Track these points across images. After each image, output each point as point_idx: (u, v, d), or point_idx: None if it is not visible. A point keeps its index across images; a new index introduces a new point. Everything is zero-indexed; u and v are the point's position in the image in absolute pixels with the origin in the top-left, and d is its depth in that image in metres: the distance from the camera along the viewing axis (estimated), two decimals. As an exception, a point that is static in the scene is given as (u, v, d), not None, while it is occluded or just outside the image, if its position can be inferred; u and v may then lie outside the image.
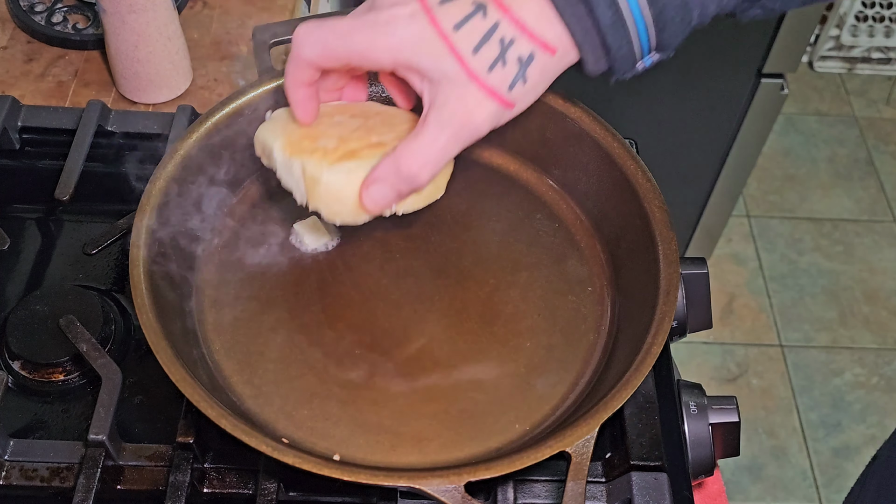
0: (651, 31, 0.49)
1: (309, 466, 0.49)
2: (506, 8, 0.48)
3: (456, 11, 0.49)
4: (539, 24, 0.49)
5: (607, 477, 0.58)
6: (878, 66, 2.30)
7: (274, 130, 0.57)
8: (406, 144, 0.52)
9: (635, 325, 0.58)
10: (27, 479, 0.56)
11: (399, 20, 0.49)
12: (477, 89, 0.49)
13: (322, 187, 0.54)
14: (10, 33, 0.88)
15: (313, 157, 0.54)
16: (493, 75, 0.49)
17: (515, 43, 0.49)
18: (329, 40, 0.51)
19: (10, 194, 0.73)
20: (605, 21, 0.48)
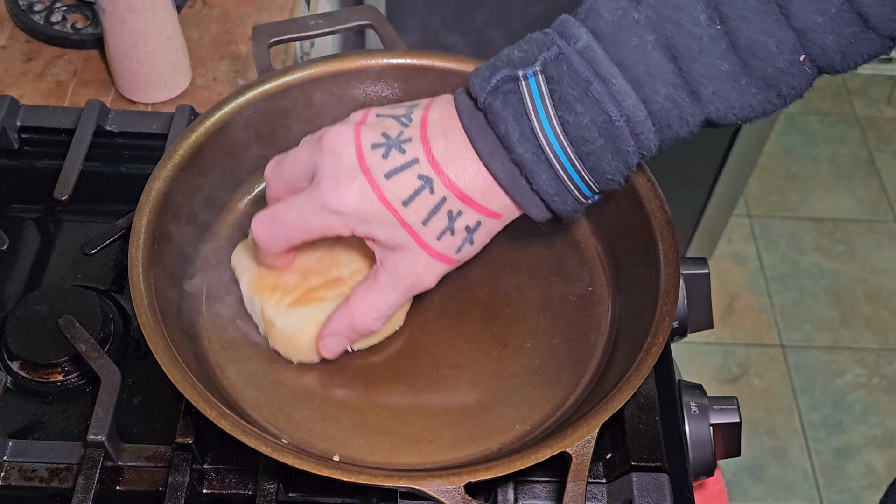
0: (594, 187, 0.51)
1: (308, 467, 0.49)
2: (451, 183, 0.51)
3: (403, 186, 0.51)
4: (485, 197, 0.51)
5: (608, 477, 0.58)
6: (879, 65, 2.30)
7: (245, 257, 0.61)
8: (359, 299, 0.55)
9: (636, 325, 0.58)
10: (26, 480, 0.56)
11: (348, 197, 0.51)
12: (427, 255, 0.53)
13: (277, 331, 0.58)
14: (9, 33, 0.88)
15: (272, 298, 0.58)
16: (441, 243, 0.52)
17: (463, 215, 0.51)
18: (287, 234, 0.54)
19: (9, 194, 0.73)
20: (548, 193, 0.50)
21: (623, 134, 0.48)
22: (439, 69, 0.68)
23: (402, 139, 0.51)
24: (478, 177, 0.50)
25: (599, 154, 0.48)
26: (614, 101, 0.47)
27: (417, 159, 0.51)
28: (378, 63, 0.68)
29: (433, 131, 0.51)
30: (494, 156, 0.50)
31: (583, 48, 0.47)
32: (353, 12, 0.70)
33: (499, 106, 0.49)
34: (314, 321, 0.57)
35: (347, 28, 0.70)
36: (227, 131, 0.64)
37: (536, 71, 0.48)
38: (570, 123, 0.48)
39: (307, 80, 0.67)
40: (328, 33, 0.70)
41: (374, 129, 0.52)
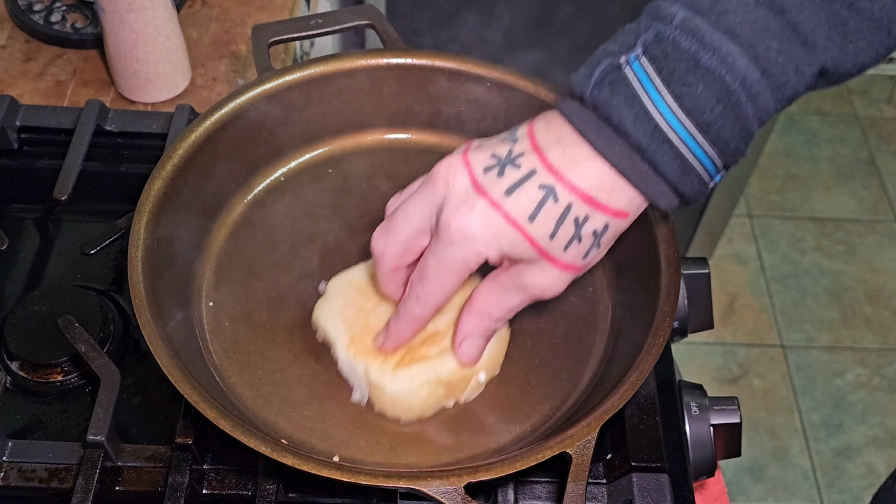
0: (718, 162, 0.49)
1: (308, 467, 0.49)
2: (574, 187, 0.49)
3: (526, 201, 0.49)
4: (610, 195, 0.49)
5: (608, 478, 0.58)
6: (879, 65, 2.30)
7: (334, 317, 0.59)
8: (482, 297, 0.54)
9: (636, 325, 0.58)
10: (26, 480, 0.56)
11: (471, 223, 0.49)
12: (553, 268, 0.51)
13: (387, 396, 0.56)
14: (9, 32, 0.88)
15: (376, 361, 0.57)
16: (568, 253, 0.50)
17: (590, 219, 0.50)
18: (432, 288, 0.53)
19: (9, 194, 0.73)
20: (673, 174, 0.48)
21: (740, 97, 0.46)
22: (439, 69, 0.68)
23: (514, 155, 0.50)
24: (600, 174, 0.49)
25: (720, 123, 0.47)
26: (726, 65, 0.46)
27: (535, 170, 0.49)
28: (378, 63, 0.68)
29: (543, 140, 0.50)
30: (612, 147, 0.48)
31: (681, 22, 0.46)
32: (353, 12, 0.70)
33: (606, 96, 0.47)
34: (424, 381, 0.56)
35: (347, 28, 0.70)
36: (227, 131, 0.64)
37: (639, 54, 0.47)
38: (684, 96, 0.46)
39: (307, 80, 0.67)
40: (328, 33, 0.70)
41: (481, 153, 0.51)
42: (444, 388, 0.57)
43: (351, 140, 0.71)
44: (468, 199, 0.50)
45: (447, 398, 0.58)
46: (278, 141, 0.68)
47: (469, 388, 0.58)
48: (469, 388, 0.58)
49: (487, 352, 0.57)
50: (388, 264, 0.55)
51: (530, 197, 0.49)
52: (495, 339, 0.58)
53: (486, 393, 0.59)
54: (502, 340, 0.59)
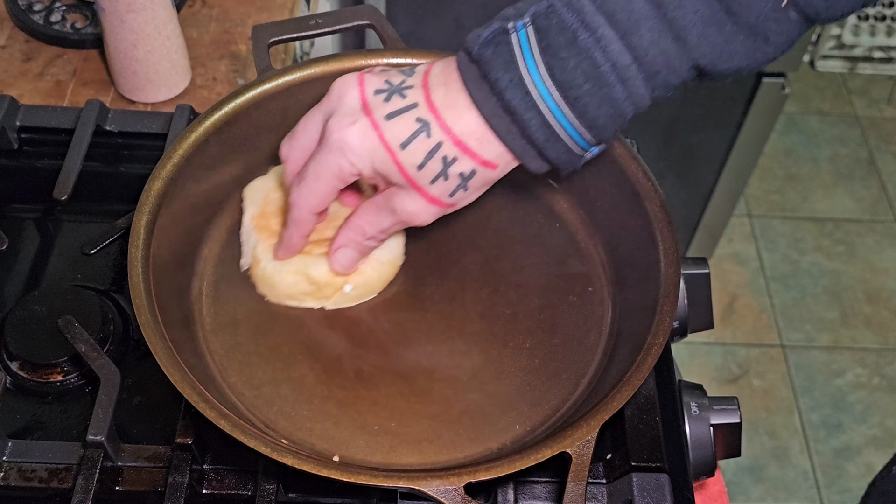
0: (587, 136, 0.52)
1: (308, 467, 0.49)
2: (448, 128, 0.52)
3: (401, 129, 0.53)
4: (480, 144, 0.52)
5: (608, 478, 0.58)
6: (879, 65, 2.30)
7: (259, 192, 0.65)
8: (359, 215, 0.58)
9: (636, 325, 0.58)
10: (26, 480, 0.56)
11: (351, 136, 0.53)
12: (420, 198, 0.55)
13: (259, 269, 0.62)
14: (9, 32, 0.88)
15: (268, 240, 0.62)
16: (435, 187, 0.54)
17: (458, 161, 0.53)
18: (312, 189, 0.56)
19: (9, 194, 0.73)
20: (539, 139, 0.51)
21: (609, 79, 0.49)
22: (439, 69, 0.68)
23: (404, 86, 0.54)
24: (473, 123, 0.52)
25: (587, 99, 0.50)
26: (599, 47, 0.48)
27: (417, 104, 0.53)
28: (378, 63, 0.68)
29: (434, 81, 0.53)
30: (487, 102, 0.51)
31: (571, 0, 0.49)
32: (353, 12, 0.70)
33: (489, 55, 0.50)
34: (293, 269, 0.61)
35: (347, 28, 0.70)
36: (227, 131, 0.64)
37: (526, 23, 0.50)
38: (556, 68, 0.49)
39: (307, 79, 0.67)
40: (328, 33, 0.70)
41: (378, 77, 0.55)
42: (311, 285, 0.61)
43: (351, 140, 0.71)
44: (353, 115, 0.54)
45: (312, 297, 0.62)
46: (278, 141, 0.68)
47: (336, 295, 0.62)
48: (336, 295, 0.62)
49: (362, 270, 0.61)
50: (291, 168, 0.59)
51: (406, 126, 0.53)
52: (374, 264, 0.62)
53: (486, 393, 0.59)
54: (382, 266, 0.62)
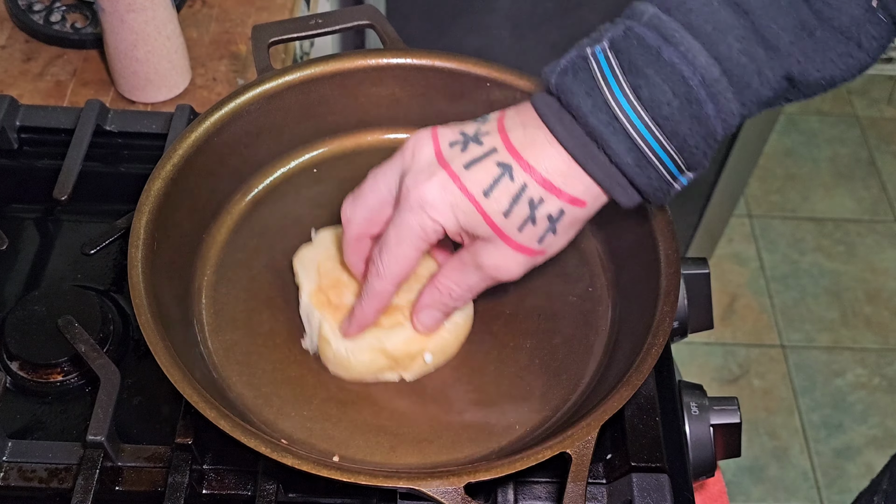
0: (678, 160, 0.49)
1: (308, 468, 0.49)
2: (531, 168, 0.50)
3: (483, 176, 0.50)
4: (566, 181, 0.50)
5: (608, 478, 0.58)
6: (879, 65, 2.30)
7: (310, 264, 0.61)
8: (445, 274, 0.55)
9: (636, 325, 0.58)
10: (26, 480, 0.56)
11: (430, 191, 0.51)
12: (507, 248, 0.52)
13: (331, 351, 0.58)
14: (9, 32, 0.88)
15: (334, 316, 0.58)
16: (523, 234, 0.51)
17: (545, 202, 0.50)
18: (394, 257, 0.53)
19: (9, 194, 0.73)
20: (628, 165, 0.48)
21: (699, 94, 0.47)
22: (439, 69, 0.68)
23: (480, 133, 0.51)
24: (557, 159, 0.49)
25: (677, 118, 0.47)
26: (686, 61, 0.46)
27: (496, 149, 0.50)
28: (378, 63, 0.68)
29: (510, 123, 0.51)
30: (570, 133, 0.49)
31: (649, 19, 0.47)
32: (353, 12, 0.70)
33: (569, 83, 0.48)
34: (368, 346, 0.57)
35: (347, 28, 0.70)
36: (227, 131, 0.64)
37: (605, 47, 0.48)
38: (642, 87, 0.47)
39: (307, 80, 0.67)
40: (328, 33, 0.70)
41: (451, 129, 0.53)
42: (388, 359, 0.58)
43: (351, 140, 0.71)
44: (430, 169, 0.51)
45: (391, 370, 0.59)
46: (278, 141, 0.68)
47: (415, 365, 0.59)
48: (415, 365, 0.59)
49: (439, 335, 0.58)
50: (354, 231, 0.56)
51: (487, 172, 0.50)
52: (451, 326, 0.59)
53: (486, 393, 0.59)
54: (458, 328, 0.60)
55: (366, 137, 0.71)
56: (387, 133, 0.72)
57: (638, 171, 0.49)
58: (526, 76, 0.67)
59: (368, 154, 0.71)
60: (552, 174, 0.50)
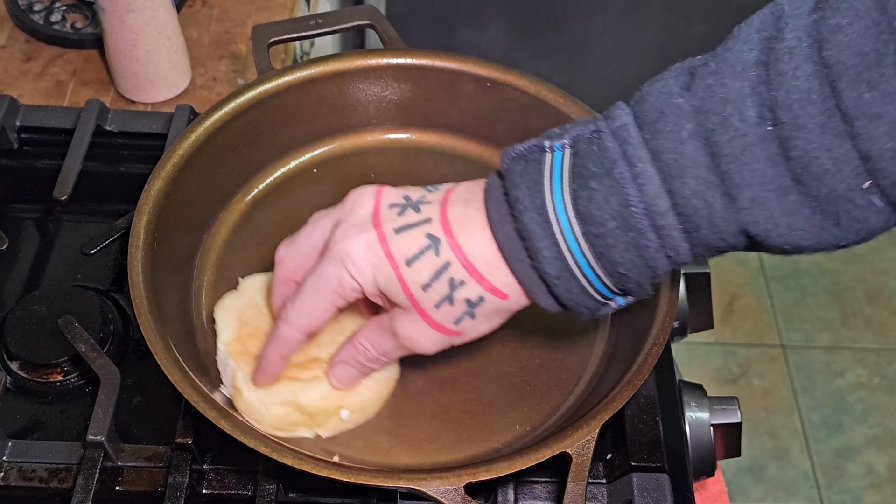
0: (606, 281, 0.46)
1: (308, 467, 0.49)
2: (459, 248, 0.48)
3: (409, 244, 0.48)
4: (490, 270, 0.48)
5: (608, 478, 0.58)
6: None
7: (231, 312, 0.58)
8: (363, 334, 0.53)
9: (636, 325, 0.58)
10: (26, 480, 0.56)
11: (355, 247, 0.49)
12: (422, 321, 0.49)
13: (243, 402, 0.55)
14: (9, 32, 0.88)
15: (248, 367, 0.56)
16: (440, 312, 0.49)
17: (465, 285, 0.48)
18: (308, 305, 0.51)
19: (9, 194, 0.73)
20: (548, 275, 0.46)
21: (640, 223, 0.43)
22: (439, 69, 0.68)
23: (422, 201, 0.50)
24: (484, 245, 0.47)
25: (610, 240, 0.44)
26: (635, 184, 0.43)
27: (430, 219, 0.49)
28: (378, 63, 0.68)
29: (455, 197, 0.49)
30: (502, 223, 0.47)
31: (618, 128, 0.44)
32: (353, 12, 0.70)
33: (517, 172, 0.46)
34: (281, 400, 0.55)
35: (347, 28, 0.70)
36: (227, 131, 0.64)
37: (565, 144, 0.45)
38: (581, 199, 0.44)
39: (307, 80, 0.67)
40: (328, 33, 0.70)
41: (396, 192, 0.51)
42: (302, 414, 0.55)
43: (351, 140, 0.71)
44: (361, 226, 0.49)
45: (305, 426, 0.56)
46: (278, 141, 0.68)
47: (330, 422, 0.56)
48: (330, 422, 0.56)
49: (357, 392, 0.56)
50: (282, 273, 0.54)
51: (415, 242, 0.48)
52: (372, 384, 0.56)
53: (486, 393, 0.59)
54: (379, 385, 0.57)
55: (366, 137, 0.71)
56: (387, 133, 0.72)
57: (559, 282, 0.46)
58: (526, 76, 0.67)
59: (368, 154, 0.71)
60: (478, 260, 0.47)
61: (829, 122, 0.39)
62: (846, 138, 0.39)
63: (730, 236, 0.43)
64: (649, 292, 0.48)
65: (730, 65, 0.42)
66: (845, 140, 0.39)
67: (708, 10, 1.69)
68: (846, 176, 0.40)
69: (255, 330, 0.57)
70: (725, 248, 0.45)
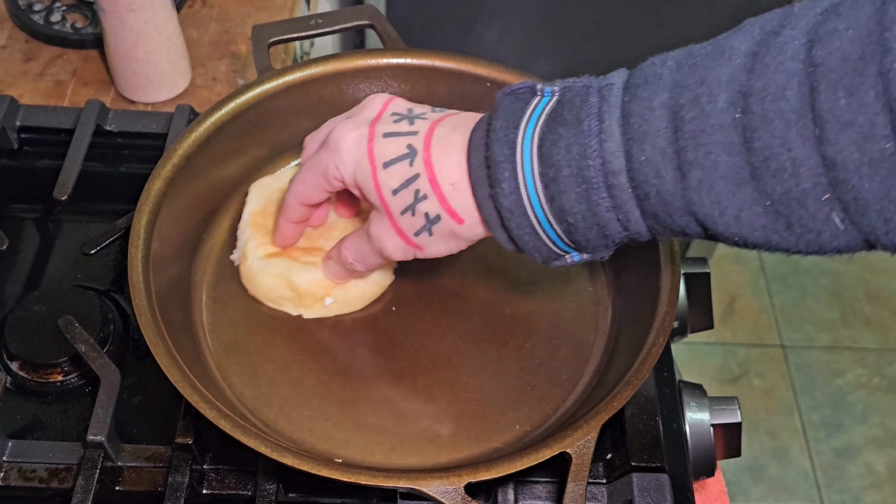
0: (557, 229, 0.47)
1: (308, 467, 0.49)
2: (430, 164, 0.50)
3: (391, 150, 0.51)
4: (452, 191, 0.50)
5: (608, 478, 0.58)
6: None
7: (263, 190, 0.65)
8: (348, 237, 0.58)
9: (636, 325, 0.58)
10: (26, 480, 0.56)
11: (346, 138, 0.53)
12: (390, 225, 0.53)
13: (245, 267, 0.62)
14: (9, 32, 0.88)
15: (260, 238, 0.62)
16: (403, 218, 0.52)
17: (427, 199, 0.51)
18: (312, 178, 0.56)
19: (9, 194, 0.73)
20: (503, 207, 0.47)
21: (594, 177, 0.44)
22: (439, 69, 0.68)
23: (420, 116, 0.53)
24: (455, 168, 0.50)
25: (563, 186, 0.45)
26: (598, 139, 0.44)
27: (417, 132, 0.52)
28: (378, 63, 0.68)
29: (448, 120, 0.52)
30: (477, 150, 0.49)
31: (605, 86, 0.45)
32: (353, 12, 0.70)
33: (504, 106, 0.48)
34: (276, 272, 0.61)
35: (347, 28, 0.70)
36: (227, 131, 0.64)
37: (555, 91, 0.47)
38: (546, 141, 0.45)
39: (307, 80, 0.67)
40: (328, 33, 0.70)
41: (405, 104, 0.55)
42: (292, 290, 0.61)
43: (351, 140, 0.71)
44: (359, 124, 0.53)
45: (292, 303, 0.62)
46: (278, 141, 0.68)
47: (316, 307, 0.62)
48: (316, 307, 0.62)
49: (344, 286, 0.61)
50: (304, 156, 0.59)
51: (396, 148, 0.51)
52: (360, 282, 0.62)
53: (486, 393, 0.59)
54: (367, 284, 0.62)
55: (366, 137, 0.71)
56: (387, 133, 0.72)
57: (510, 217, 0.47)
58: (526, 76, 0.67)
59: (368, 154, 0.71)
60: (444, 179, 0.50)
61: (798, 122, 0.39)
62: (813, 142, 0.39)
63: (678, 215, 0.44)
64: (603, 255, 0.49)
65: (721, 51, 0.43)
66: (811, 143, 0.39)
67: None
68: (803, 179, 0.39)
69: (278, 210, 0.63)
70: (676, 228, 0.45)
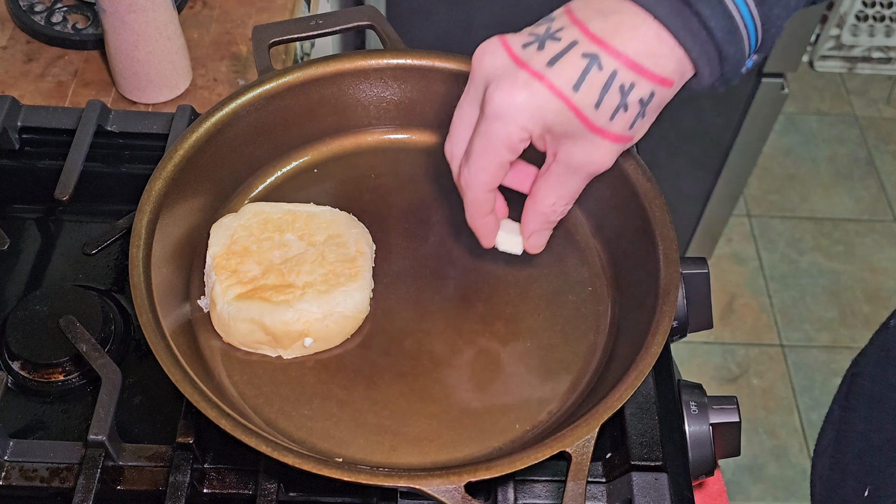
0: (759, 31, 0.49)
1: (309, 467, 0.49)
2: (619, 53, 0.48)
3: (570, 70, 0.48)
4: (657, 61, 0.49)
5: (608, 477, 0.58)
6: (878, 65, 2.30)
7: (226, 230, 0.63)
8: (544, 194, 0.54)
9: (635, 324, 0.58)
10: (27, 480, 0.56)
11: (515, 95, 0.49)
12: (599, 139, 0.50)
13: (215, 314, 0.60)
14: (10, 33, 0.88)
15: (227, 281, 0.60)
16: (615, 122, 0.50)
17: (636, 86, 0.49)
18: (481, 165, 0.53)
19: (10, 194, 0.73)
20: (719, 31, 0.48)
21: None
22: (439, 69, 0.68)
23: (553, 30, 0.50)
24: (646, 39, 0.48)
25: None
26: None
27: (577, 41, 0.49)
28: (378, 63, 0.68)
29: (582, 14, 0.49)
30: (661, 4, 0.47)
31: None
32: (353, 12, 0.70)
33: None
34: (247, 317, 0.59)
35: (347, 28, 0.70)
36: (228, 132, 0.65)
37: None
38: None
39: (307, 80, 0.67)
40: (328, 33, 0.70)
41: (518, 34, 0.51)
42: (266, 334, 0.59)
43: (351, 140, 0.71)
44: (509, 73, 0.49)
45: (269, 345, 0.60)
46: (278, 141, 0.69)
47: (294, 347, 0.60)
48: (294, 347, 0.60)
49: (323, 324, 0.59)
50: (457, 167, 0.55)
51: (574, 66, 0.48)
52: (337, 318, 0.60)
53: (486, 393, 0.59)
54: (345, 320, 0.60)
55: (366, 137, 0.72)
56: (387, 133, 0.72)
57: (728, 36, 0.48)
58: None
59: (368, 154, 0.71)
60: (641, 56, 0.48)
61: None
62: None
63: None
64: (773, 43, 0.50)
65: None
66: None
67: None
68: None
69: (242, 249, 0.62)
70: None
